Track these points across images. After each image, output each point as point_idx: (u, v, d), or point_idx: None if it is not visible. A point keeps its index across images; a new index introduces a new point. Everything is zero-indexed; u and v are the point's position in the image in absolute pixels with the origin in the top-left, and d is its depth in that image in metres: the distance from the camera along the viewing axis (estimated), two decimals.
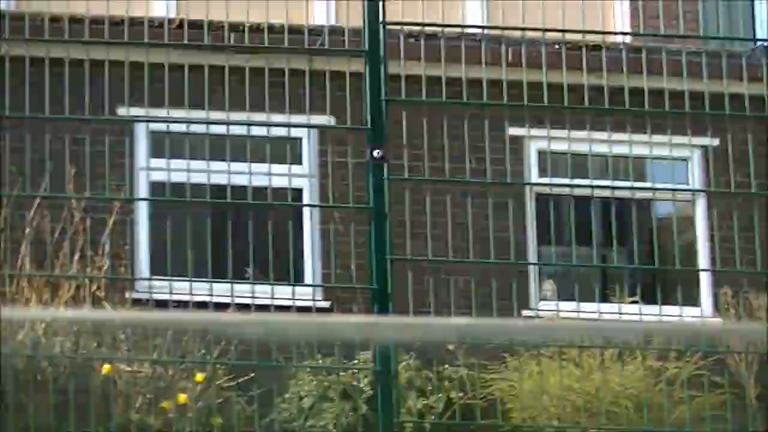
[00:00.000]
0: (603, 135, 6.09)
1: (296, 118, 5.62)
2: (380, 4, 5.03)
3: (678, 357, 8.64)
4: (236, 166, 5.38)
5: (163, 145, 7.33)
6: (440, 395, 7.41)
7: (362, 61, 5.17)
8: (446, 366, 7.83)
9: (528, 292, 8.92)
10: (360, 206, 5.66)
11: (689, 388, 8.15)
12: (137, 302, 7.19)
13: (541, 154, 9.21)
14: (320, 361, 6.59)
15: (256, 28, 5.74)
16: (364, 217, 5.57)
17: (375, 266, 5.33)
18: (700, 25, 9.13)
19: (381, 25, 5.05)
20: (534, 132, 6.73)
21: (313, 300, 6.45)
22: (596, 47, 6.91)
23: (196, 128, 5.64)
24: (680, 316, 7.39)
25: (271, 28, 5.60)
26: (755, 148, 6.72)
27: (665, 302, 7.81)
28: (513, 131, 7.70)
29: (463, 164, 5.78)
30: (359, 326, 3.41)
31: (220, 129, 5.70)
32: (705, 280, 9.70)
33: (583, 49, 5.79)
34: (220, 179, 5.60)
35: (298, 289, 5.70)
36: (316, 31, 6.05)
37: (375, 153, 5.26)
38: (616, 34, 8.48)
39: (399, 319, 5.13)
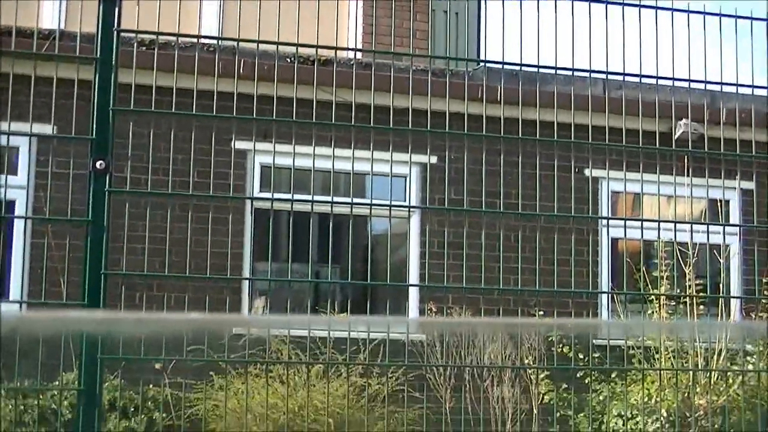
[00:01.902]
0: (327, 150, 6.47)
1: (16, 126, 5.61)
2: (116, 10, 5.15)
3: (381, 373, 9.29)
4: None
5: None
6: (143, 416, 7.55)
7: (90, 68, 5.26)
8: (151, 386, 7.98)
9: (240, 309, 9.29)
10: (77, 219, 5.72)
11: (390, 404, 8.77)
12: None
13: (264, 168, 9.65)
14: (18, 383, 6.55)
15: None
16: (80, 231, 5.63)
17: (88, 281, 5.43)
18: (429, 44, 9.87)
19: (115, 32, 5.17)
20: (259, 146, 7.08)
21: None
22: (328, 62, 7.36)
23: None
24: (387, 332, 7.93)
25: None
26: (471, 166, 7.37)
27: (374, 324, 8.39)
28: (240, 145, 8.04)
29: (188, 178, 5.99)
30: (102, 321, 3.53)
31: None
32: (413, 296, 10.43)
33: (315, 64, 6.15)
34: None
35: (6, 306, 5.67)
36: (44, 35, 6.04)
37: (98, 164, 5.36)
38: (348, 50, 9.00)
39: (139, 314, 5.27)
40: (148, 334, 6.28)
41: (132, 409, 7.92)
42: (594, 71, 6.65)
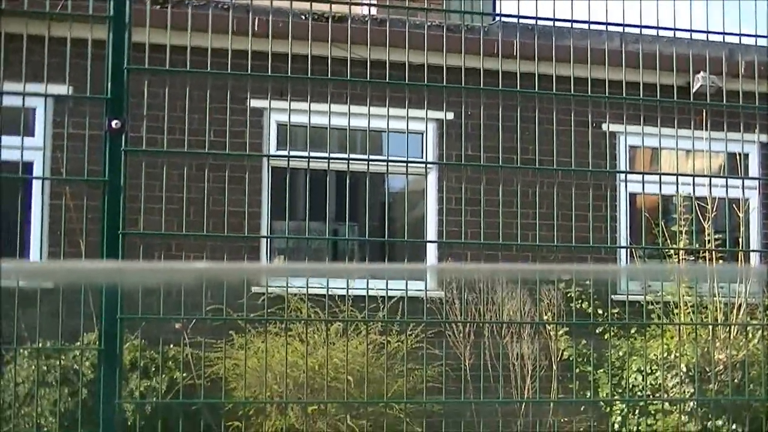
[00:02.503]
0: (343, 107, 6.47)
1: (31, 87, 5.61)
2: None
3: (400, 330, 9.32)
4: None
5: None
6: (163, 376, 7.60)
7: (104, 28, 5.25)
8: (171, 345, 8.02)
9: None
10: (94, 179, 5.73)
11: (409, 361, 8.81)
12: None
13: (280, 126, 9.66)
14: (40, 344, 6.61)
15: None
16: (98, 192, 5.65)
17: (106, 241, 5.45)
18: None
19: None
20: (274, 104, 7.08)
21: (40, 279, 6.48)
22: (342, 18, 7.33)
23: None
24: (406, 290, 7.95)
25: None
26: (487, 122, 7.37)
27: (393, 277, 8.39)
28: (255, 103, 8.04)
29: (204, 137, 6.00)
30: (114, 271, 3.51)
31: None
32: (431, 253, 10.43)
33: (330, 20, 6.13)
34: None
35: None
36: None
37: (113, 123, 5.36)
38: (362, 5, 8.96)
39: (144, 264, 5.27)
40: (162, 285, 6.28)
41: (153, 369, 7.98)
42: (611, 23, 6.60)
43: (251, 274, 7.16)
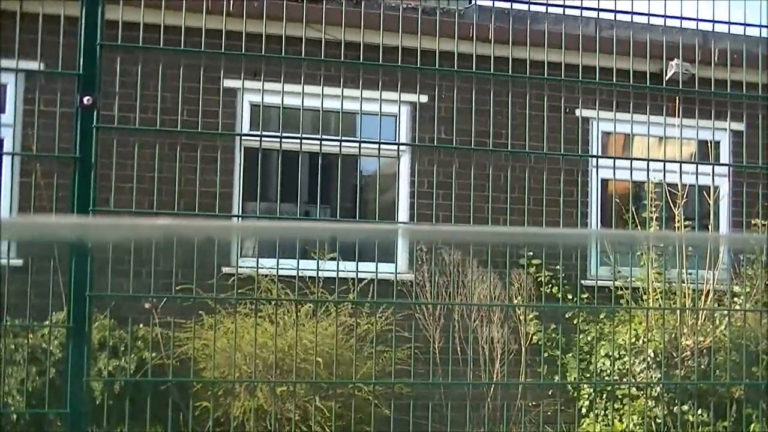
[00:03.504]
0: (317, 89, 6.44)
1: (3, 63, 5.54)
2: None
3: (370, 312, 9.32)
4: None
5: None
6: (132, 355, 7.57)
7: (77, 4, 5.19)
8: (141, 325, 7.98)
9: (229, 248, 9.29)
10: (64, 156, 5.67)
11: (379, 344, 8.81)
12: None
13: (253, 107, 9.60)
14: (8, 322, 6.56)
15: None
16: (70, 170, 5.59)
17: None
18: None
19: None
20: (248, 84, 7.04)
21: (8, 258, 6.41)
22: None
23: None
24: (376, 272, 7.93)
25: None
26: (461, 105, 7.34)
27: (363, 259, 8.41)
28: (229, 83, 8.01)
29: (176, 116, 5.95)
30: (76, 227, 3.44)
31: None
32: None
33: (304, 1, 6.10)
34: None
35: None
36: None
37: (85, 99, 5.30)
38: None
39: (108, 220, 5.21)
40: (120, 240, 6.19)
41: (122, 349, 7.94)
42: (585, 8, 6.60)
43: (218, 232, 7.06)
